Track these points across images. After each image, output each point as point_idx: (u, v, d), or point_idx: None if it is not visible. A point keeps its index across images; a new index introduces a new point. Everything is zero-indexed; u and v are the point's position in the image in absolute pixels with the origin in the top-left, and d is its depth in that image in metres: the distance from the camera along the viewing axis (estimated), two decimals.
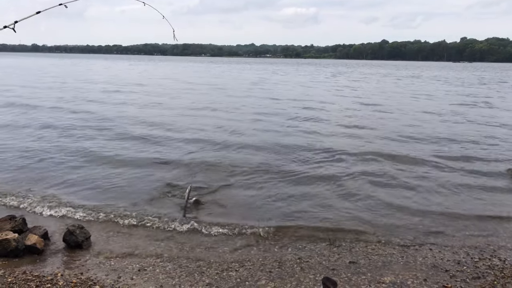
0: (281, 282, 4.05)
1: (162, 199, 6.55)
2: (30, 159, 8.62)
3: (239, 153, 9.55)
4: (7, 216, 4.95)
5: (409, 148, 10.26)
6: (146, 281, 4.03)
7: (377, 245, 5.00)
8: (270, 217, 5.93)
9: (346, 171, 8.20)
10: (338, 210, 6.24)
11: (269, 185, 7.28)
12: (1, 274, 4.02)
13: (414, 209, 6.25)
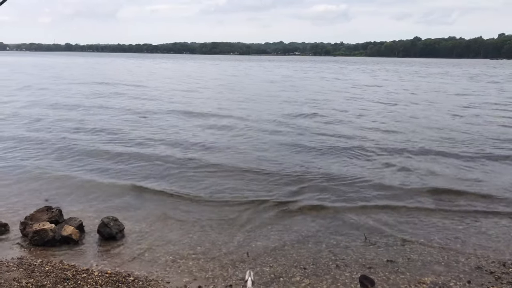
0: (316, 279, 3.94)
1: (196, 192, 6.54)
2: (66, 149, 8.82)
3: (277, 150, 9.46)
4: (44, 207, 5.03)
5: (443, 145, 9.90)
6: (179, 273, 4.01)
7: (416, 244, 4.80)
8: (303, 212, 5.82)
9: (384, 167, 7.97)
10: (372, 207, 6.06)
11: (302, 179, 7.16)
12: (39, 263, 4.07)
13: (455, 209, 5.99)
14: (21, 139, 9.95)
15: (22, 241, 4.62)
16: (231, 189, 6.49)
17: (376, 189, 6.65)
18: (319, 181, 7.01)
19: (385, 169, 7.84)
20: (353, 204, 6.02)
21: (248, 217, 5.51)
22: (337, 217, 5.61)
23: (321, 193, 6.45)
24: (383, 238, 4.96)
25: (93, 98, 18.38)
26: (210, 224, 5.30)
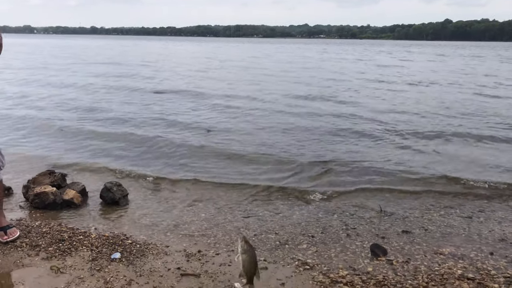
0: (324, 247, 3.68)
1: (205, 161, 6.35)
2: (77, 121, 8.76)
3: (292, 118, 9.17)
4: (46, 171, 4.92)
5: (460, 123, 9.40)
6: (180, 237, 3.82)
7: (435, 216, 4.48)
8: (315, 181, 5.55)
9: (408, 149, 7.59)
10: (390, 177, 5.74)
11: (316, 149, 6.87)
12: (37, 225, 3.95)
13: (480, 180, 5.61)
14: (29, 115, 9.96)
15: (23, 204, 4.52)
16: (239, 171, 6.15)
17: (397, 171, 6.19)
18: (335, 162, 6.56)
19: (409, 152, 7.38)
20: (371, 185, 5.67)
21: (258, 192, 5.25)
22: (351, 193, 5.29)
23: (337, 173, 6.05)
24: (400, 210, 4.66)
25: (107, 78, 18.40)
26: (217, 195, 5.09)
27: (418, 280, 3.08)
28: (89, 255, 3.37)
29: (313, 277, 3.13)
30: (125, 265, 3.23)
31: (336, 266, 3.33)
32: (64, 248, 3.47)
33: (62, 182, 4.81)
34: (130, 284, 2.96)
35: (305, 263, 3.35)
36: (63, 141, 7.54)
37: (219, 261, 3.36)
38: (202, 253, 3.50)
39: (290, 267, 3.29)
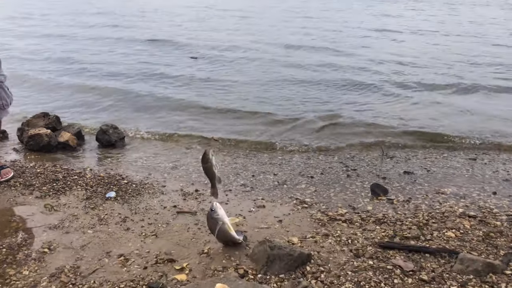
0: (323, 187, 3.61)
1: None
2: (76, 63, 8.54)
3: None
4: (41, 113, 4.80)
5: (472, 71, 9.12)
6: (177, 179, 3.75)
7: (438, 158, 4.39)
8: (316, 133, 5.40)
9: (410, 83, 7.41)
10: (393, 119, 5.61)
11: (317, 102, 6.69)
12: (32, 166, 3.88)
13: (485, 122, 5.49)
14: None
15: (18, 147, 4.44)
16: (236, 124, 5.86)
17: (401, 125, 5.97)
18: (337, 115, 6.25)
19: (414, 104, 7.12)
20: (372, 117, 5.55)
21: (257, 142, 5.06)
22: (354, 135, 5.17)
23: (339, 126, 5.79)
24: (402, 153, 4.56)
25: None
26: (214, 144, 4.97)
27: (419, 218, 3.02)
28: (84, 194, 3.32)
29: (311, 215, 3.07)
30: (120, 203, 3.18)
31: (335, 205, 3.27)
32: (58, 188, 3.41)
33: (57, 125, 4.71)
34: (125, 221, 2.91)
35: (303, 202, 3.29)
36: (51, 95, 7.34)
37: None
38: (199, 192, 3.44)
39: (288, 206, 3.23)
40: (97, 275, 2.30)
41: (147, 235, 2.73)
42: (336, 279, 2.28)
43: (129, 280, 2.25)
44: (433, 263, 2.44)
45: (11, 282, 2.24)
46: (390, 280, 2.27)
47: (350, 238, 2.72)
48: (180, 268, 2.36)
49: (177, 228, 2.83)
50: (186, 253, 2.52)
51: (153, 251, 2.53)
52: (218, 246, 2.60)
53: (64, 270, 2.33)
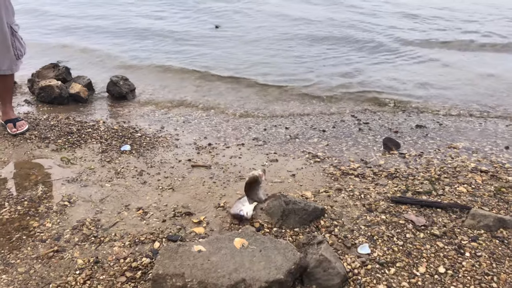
0: (335, 141, 3.62)
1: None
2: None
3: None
4: (50, 64, 4.75)
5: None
6: (190, 132, 3.77)
7: (451, 111, 4.35)
8: (328, 77, 5.34)
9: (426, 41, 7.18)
10: (408, 76, 5.51)
11: (331, 60, 6.55)
12: (45, 118, 3.90)
13: (500, 78, 5.37)
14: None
15: (30, 99, 4.44)
16: (252, 72, 5.84)
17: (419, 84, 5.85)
18: (351, 73, 6.16)
19: (428, 63, 6.97)
20: (386, 73, 5.45)
21: (269, 92, 5.04)
22: (365, 89, 5.09)
23: (348, 72, 5.74)
24: (414, 107, 4.51)
25: None
26: (228, 91, 4.94)
27: (431, 172, 3.05)
28: (99, 147, 3.35)
29: (324, 169, 3.10)
30: (136, 157, 3.22)
31: (347, 159, 3.30)
32: (73, 141, 3.44)
33: (67, 76, 4.68)
34: (141, 174, 2.96)
35: (315, 156, 3.32)
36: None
37: (229, 154, 3.33)
38: (213, 146, 3.46)
39: (301, 160, 3.26)
40: (118, 228, 2.37)
41: (163, 188, 2.78)
42: (350, 233, 2.34)
43: (149, 233, 2.32)
44: (445, 218, 2.49)
45: (35, 234, 2.32)
46: (402, 235, 2.33)
47: (363, 192, 2.76)
48: (197, 221, 2.43)
49: (192, 181, 2.88)
50: (202, 207, 2.58)
51: (171, 205, 2.59)
52: (233, 199, 2.65)
53: (85, 223, 2.40)
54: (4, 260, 2.12)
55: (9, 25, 3.23)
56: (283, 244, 2.00)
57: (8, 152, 3.22)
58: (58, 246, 2.21)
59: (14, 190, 2.72)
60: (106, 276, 2.01)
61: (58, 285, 1.96)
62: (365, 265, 2.10)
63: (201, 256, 1.90)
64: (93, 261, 2.11)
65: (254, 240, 2.02)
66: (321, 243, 2.08)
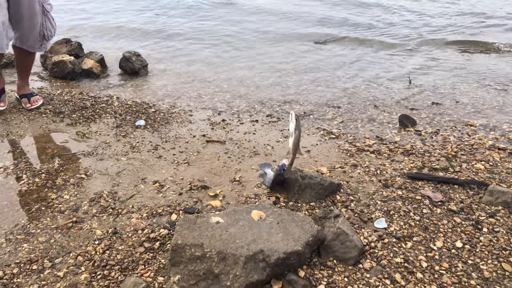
0: (350, 118, 3.59)
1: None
2: None
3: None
4: (62, 39, 4.73)
5: None
6: (203, 108, 3.76)
7: (468, 88, 4.28)
8: (342, 45, 5.27)
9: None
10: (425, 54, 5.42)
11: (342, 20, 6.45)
12: (59, 93, 3.91)
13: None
14: None
15: (43, 74, 4.45)
16: (259, 39, 5.87)
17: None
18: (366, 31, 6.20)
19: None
20: (401, 48, 5.36)
21: (280, 62, 5.04)
22: (379, 55, 5.03)
23: (365, 29, 5.73)
24: (430, 82, 4.45)
25: None
26: (240, 66, 4.91)
27: (447, 149, 3.01)
28: (113, 122, 3.36)
29: (339, 145, 3.08)
30: (150, 131, 3.23)
31: (362, 135, 3.27)
32: (88, 115, 3.45)
33: (80, 52, 4.67)
34: (156, 149, 2.97)
35: (330, 133, 3.29)
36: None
37: (243, 130, 3.32)
38: (227, 122, 3.45)
39: (315, 136, 3.24)
40: (135, 200, 2.39)
41: (179, 162, 2.79)
42: (366, 208, 2.34)
43: (166, 206, 2.34)
44: (462, 194, 2.47)
45: (53, 206, 2.34)
46: (419, 210, 2.32)
47: (379, 168, 2.75)
48: (213, 194, 2.44)
49: (207, 156, 2.88)
50: (218, 181, 2.59)
51: (187, 178, 2.60)
52: (248, 174, 2.65)
53: (103, 195, 2.42)
54: (25, 230, 2.15)
55: (41, 3, 3.16)
56: (301, 217, 2.00)
57: (24, 126, 3.24)
58: (76, 217, 2.24)
59: (31, 163, 2.74)
60: (125, 246, 2.03)
61: (78, 254, 1.98)
62: (381, 239, 2.09)
63: (219, 227, 1.91)
64: (111, 231, 2.13)
65: (272, 213, 2.02)
66: (338, 217, 2.07)
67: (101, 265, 1.91)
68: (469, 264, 1.92)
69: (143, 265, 1.91)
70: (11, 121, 3.31)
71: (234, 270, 1.72)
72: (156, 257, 1.96)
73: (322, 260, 1.92)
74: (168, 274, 1.83)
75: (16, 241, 2.07)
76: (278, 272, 1.78)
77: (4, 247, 2.03)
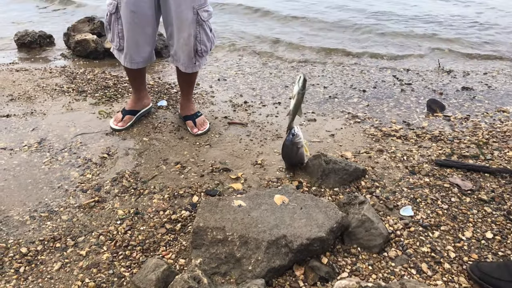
0: (376, 102, 3.49)
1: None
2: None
3: None
4: (85, 17, 4.72)
5: None
6: (225, 90, 3.70)
7: (501, 74, 4.10)
8: (366, 43, 5.13)
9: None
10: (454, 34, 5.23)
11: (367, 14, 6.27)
12: (81, 72, 3.91)
13: None
14: None
15: (66, 53, 4.46)
16: (289, 34, 5.75)
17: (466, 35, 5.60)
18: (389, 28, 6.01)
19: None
20: (431, 44, 5.17)
21: (306, 52, 4.94)
22: (408, 54, 4.86)
23: (392, 36, 5.52)
24: (460, 67, 4.29)
25: None
26: (260, 51, 4.82)
27: (478, 136, 2.90)
28: None
29: (364, 130, 3.00)
30: (172, 112, 3.20)
31: (388, 120, 3.17)
32: (110, 95, 3.45)
33: (102, 30, 4.64)
34: (178, 130, 2.94)
35: (355, 116, 3.21)
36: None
37: (265, 112, 3.26)
38: (249, 104, 3.40)
39: (340, 120, 3.16)
40: (157, 181, 2.38)
41: (201, 144, 2.76)
42: (392, 194, 2.27)
43: (188, 187, 2.31)
44: (493, 183, 2.37)
45: (76, 184, 2.35)
46: (447, 198, 2.24)
47: (405, 154, 2.66)
48: (235, 177, 2.40)
49: (229, 139, 2.84)
50: (240, 163, 2.55)
51: (208, 160, 2.57)
52: (271, 158, 2.61)
53: (125, 175, 2.42)
54: (48, 208, 2.16)
55: (195, 10, 2.45)
56: (325, 203, 1.95)
57: (47, 105, 3.25)
58: (98, 197, 2.24)
59: (54, 141, 2.76)
60: (147, 227, 2.02)
61: (100, 233, 1.98)
62: (408, 227, 2.03)
63: (241, 211, 1.87)
64: (133, 212, 2.13)
65: (295, 198, 1.98)
66: (363, 203, 2.01)
67: (123, 245, 1.90)
68: (499, 256, 1.85)
69: (165, 246, 1.90)
70: (35, 99, 3.33)
71: (256, 254, 1.69)
72: (178, 239, 1.94)
73: (346, 247, 1.88)
74: (190, 256, 1.81)
75: (40, 218, 2.08)
76: (301, 258, 1.74)
77: (28, 224, 2.05)
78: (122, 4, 2.46)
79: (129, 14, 2.47)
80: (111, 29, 2.63)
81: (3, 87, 3.52)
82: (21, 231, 2.00)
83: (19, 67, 4.03)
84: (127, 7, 2.46)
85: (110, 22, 2.59)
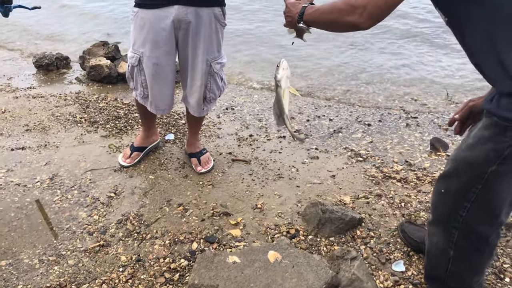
0: (380, 138, 3.53)
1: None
2: None
3: None
4: (100, 42, 4.87)
5: None
6: (232, 120, 3.79)
7: None
8: (374, 68, 5.16)
9: None
10: (462, 65, 5.21)
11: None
12: (94, 99, 4.05)
13: None
14: None
15: (81, 76, 4.61)
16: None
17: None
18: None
19: None
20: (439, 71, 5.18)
21: (310, 72, 4.99)
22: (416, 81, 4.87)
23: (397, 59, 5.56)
24: (469, 96, 4.27)
25: None
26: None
27: None
28: None
29: (366, 170, 3.05)
30: (179, 147, 3.30)
31: (391, 159, 3.21)
32: (121, 126, 3.57)
33: (116, 54, 4.78)
34: (183, 167, 3.04)
35: (358, 154, 3.26)
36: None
37: (269, 148, 3.34)
38: (254, 138, 3.48)
39: (342, 158, 3.21)
40: (159, 225, 2.48)
41: (204, 184, 2.85)
42: (386, 246, 2.33)
43: (188, 233, 2.41)
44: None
45: (83, 226, 2.47)
46: None
47: (404, 200, 2.71)
48: (235, 223, 2.49)
49: (232, 178, 2.93)
50: (240, 207, 2.64)
51: (210, 203, 2.66)
52: (271, 201, 2.69)
53: (129, 218, 2.53)
54: (56, 251, 2.28)
55: (209, 62, 2.60)
56: (316, 261, 2.02)
57: (60, 136, 3.39)
58: (104, 241, 2.35)
59: (65, 177, 2.89)
60: (147, 276, 2.13)
61: (104, 281, 2.09)
62: (398, 284, 2.09)
63: (235, 268, 1.96)
64: (135, 259, 2.23)
65: (288, 254, 2.06)
66: (355, 260, 2.08)
67: None
68: None
69: None
70: (49, 130, 3.47)
71: None
72: None
73: None
74: None
75: (48, 262, 2.21)
76: None
77: (37, 268, 2.18)
78: (145, 58, 2.58)
79: (152, 67, 2.59)
80: (133, 79, 2.75)
81: (20, 116, 3.68)
82: (30, 276, 2.13)
83: (35, 92, 4.19)
84: (149, 60, 2.57)
85: (133, 73, 2.71)
